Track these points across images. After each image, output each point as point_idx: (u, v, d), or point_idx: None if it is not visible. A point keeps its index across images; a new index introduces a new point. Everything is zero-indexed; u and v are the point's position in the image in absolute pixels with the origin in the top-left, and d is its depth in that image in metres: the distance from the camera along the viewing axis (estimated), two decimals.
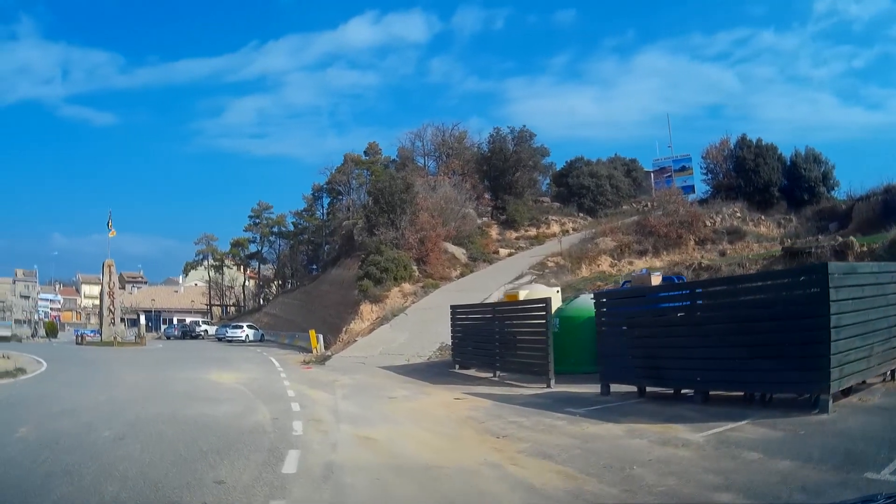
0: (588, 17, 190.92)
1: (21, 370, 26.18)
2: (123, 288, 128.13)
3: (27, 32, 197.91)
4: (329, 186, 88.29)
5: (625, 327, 17.59)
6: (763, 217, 56.41)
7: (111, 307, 60.58)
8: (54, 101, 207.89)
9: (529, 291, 27.90)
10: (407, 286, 48.38)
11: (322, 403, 17.87)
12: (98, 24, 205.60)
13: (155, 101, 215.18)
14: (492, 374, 23.51)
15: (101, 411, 15.82)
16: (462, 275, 52.44)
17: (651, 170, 79.13)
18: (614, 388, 16.95)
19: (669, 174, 74.50)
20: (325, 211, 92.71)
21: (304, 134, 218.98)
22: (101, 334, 61.87)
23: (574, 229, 65.84)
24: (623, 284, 27.27)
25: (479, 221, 64.38)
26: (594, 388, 17.34)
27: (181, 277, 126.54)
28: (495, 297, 37.56)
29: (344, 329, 45.68)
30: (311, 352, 41.14)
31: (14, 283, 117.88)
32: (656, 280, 22.74)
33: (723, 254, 44.26)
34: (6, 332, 70.07)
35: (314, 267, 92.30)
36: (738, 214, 55.57)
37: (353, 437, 12.95)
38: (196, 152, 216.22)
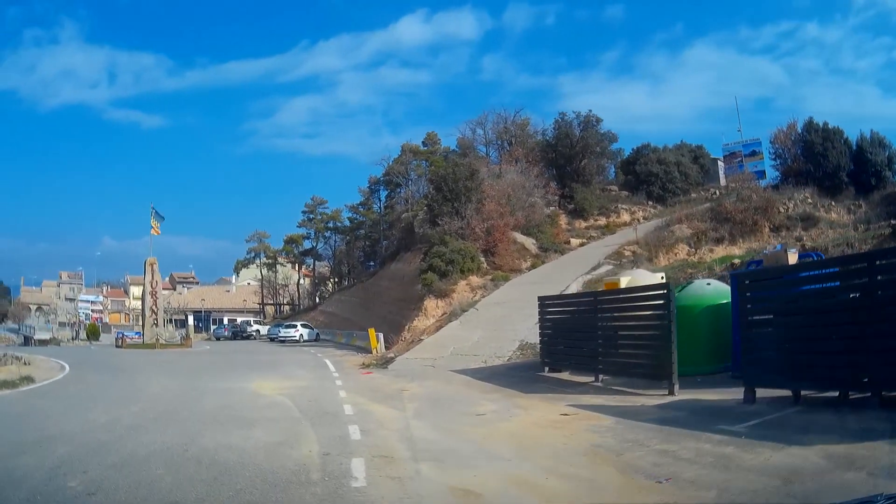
0: (636, 12, 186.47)
1: (28, 379, 22.18)
2: (174, 289, 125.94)
3: (69, 36, 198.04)
4: (386, 178, 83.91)
5: (774, 316, 13.82)
6: (833, 203, 55.63)
7: (154, 307, 56.66)
8: (101, 104, 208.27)
9: (631, 278, 23.10)
10: (475, 279, 44.22)
11: (390, 426, 13.28)
12: (143, 26, 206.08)
13: (205, 103, 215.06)
14: (593, 379, 19.01)
15: (89, 441, 11.43)
16: (533, 266, 48.28)
17: (718, 157, 76.80)
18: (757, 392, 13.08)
19: (740, 159, 72.23)
20: (382, 204, 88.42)
21: (359, 133, 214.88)
22: (143, 336, 57.85)
23: (645, 218, 63.20)
24: (749, 265, 22.70)
25: (546, 211, 59.95)
26: (728, 394, 13.80)
27: (233, 277, 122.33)
28: (573, 288, 34.34)
29: (406, 327, 41.45)
30: (371, 352, 37.25)
31: (59, 285, 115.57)
32: (793, 258, 18.20)
33: (799, 240, 41.45)
34: (45, 336, 68.64)
35: (371, 263, 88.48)
36: (809, 200, 53.92)
37: (443, 489, 8.40)
38: (249, 153, 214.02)
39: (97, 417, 14.43)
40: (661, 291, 16.62)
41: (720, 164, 75.67)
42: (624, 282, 22.18)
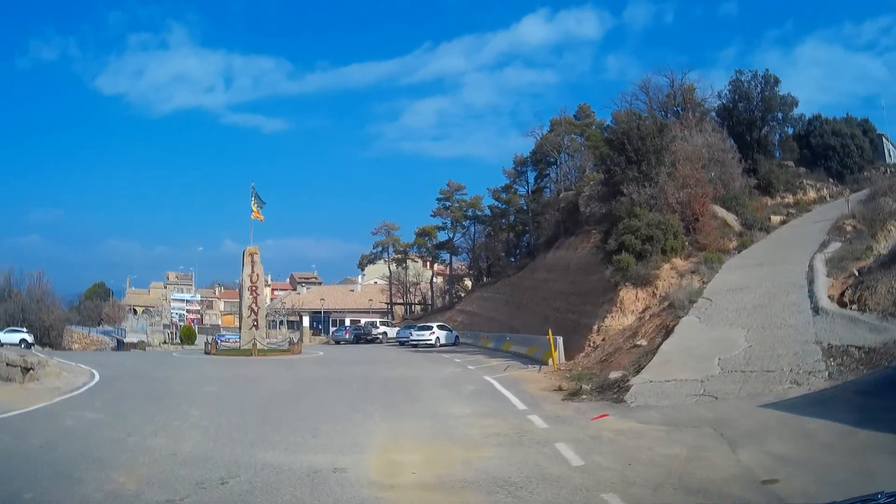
0: (749, 8, 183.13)
1: None
2: (294, 288, 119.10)
3: (179, 41, 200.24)
4: (535, 157, 71.93)
5: None
6: None
7: (253, 305, 45.18)
8: (218, 108, 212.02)
9: None
10: (678, 262, 32.41)
11: None
12: (259, 30, 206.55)
13: (329, 106, 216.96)
14: None
15: None
16: (743, 245, 36.63)
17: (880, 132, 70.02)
18: None
19: None
20: (529, 187, 76.01)
21: (486, 134, 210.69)
22: (240, 340, 46.50)
23: (830, 196, 55.29)
24: None
25: (740, 182, 48.29)
26: None
27: (359, 276, 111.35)
28: (820, 269, 25.53)
29: (595, 327, 29.59)
30: (546, 364, 26.40)
31: (165, 287, 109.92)
32: None
33: None
34: (134, 339, 62.54)
35: (512, 258, 77.55)
36: None
37: None
38: (375, 156, 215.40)
39: None
40: None
41: (884, 140, 69.30)
42: None
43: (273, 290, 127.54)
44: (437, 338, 51.57)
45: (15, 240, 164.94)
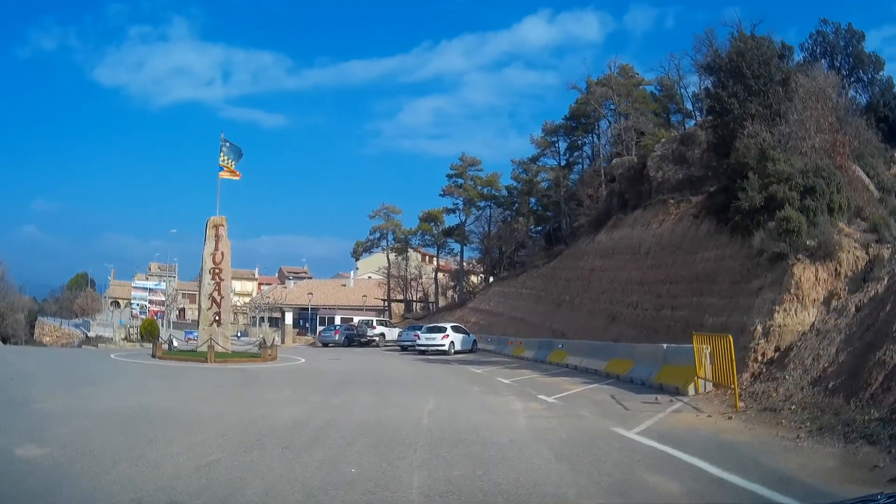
0: (752, 13, 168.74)
1: None
2: (282, 283, 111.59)
3: (180, 34, 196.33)
4: (569, 125, 61.79)
5: None
6: None
7: (216, 294, 33.12)
8: (217, 102, 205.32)
9: None
10: (842, 227, 21.94)
11: None
12: (260, 25, 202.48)
13: (327, 102, 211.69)
14: None
15: None
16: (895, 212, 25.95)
17: None
18: None
19: None
20: (561, 158, 65.30)
21: (485, 135, 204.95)
22: (197, 339, 35.29)
23: None
24: None
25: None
26: None
27: (352, 272, 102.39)
28: None
29: (757, 329, 18.36)
30: (688, 393, 16.27)
31: (147, 278, 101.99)
32: None
33: None
34: (93, 334, 59.29)
35: (534, 245, 67.50)
36: None
37: None
38: (374, 153, 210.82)
39: None
40: None
41: None
42: None
43: (260, 284, 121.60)
44: (452, 342, 41.77)
45: (11, 230, 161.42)
